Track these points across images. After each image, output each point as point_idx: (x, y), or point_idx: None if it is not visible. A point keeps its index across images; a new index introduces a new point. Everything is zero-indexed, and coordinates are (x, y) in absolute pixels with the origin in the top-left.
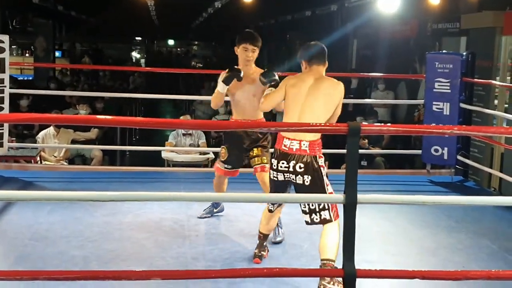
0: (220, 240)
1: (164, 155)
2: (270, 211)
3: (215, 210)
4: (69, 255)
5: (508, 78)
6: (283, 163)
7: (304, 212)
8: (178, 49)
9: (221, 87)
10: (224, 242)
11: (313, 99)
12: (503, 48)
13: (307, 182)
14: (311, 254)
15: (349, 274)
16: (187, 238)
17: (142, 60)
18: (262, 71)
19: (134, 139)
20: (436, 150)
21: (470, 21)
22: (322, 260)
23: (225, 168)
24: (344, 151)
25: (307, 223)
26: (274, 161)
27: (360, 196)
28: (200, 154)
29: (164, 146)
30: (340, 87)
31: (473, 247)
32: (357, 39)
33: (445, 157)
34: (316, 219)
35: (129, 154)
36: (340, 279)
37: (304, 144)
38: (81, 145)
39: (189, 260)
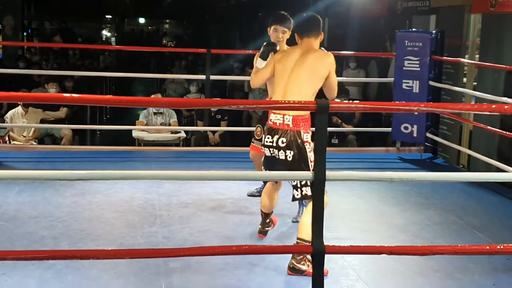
0: (191, 219)
1: (135, 134)
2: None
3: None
4: (38, 236)
5: (477, 56)
6: (268, 138)
7: (292, 187)
8: (149, 27)
9: (259, 63)
10: (196, 221)
11: (297, 74)
12: (472, 26)
13: (289, 157)
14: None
15: (318, 250)
16: (158, 217)
17: (113, 39)
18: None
19: (105, 118)
20: (406, 128)
21: (440, 0)
22: (296, 239)
23: (261, 146)
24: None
25: (292, 199)
26: (263, 137)
27: (328, 173)
28: (171, 133)
29: (135, 125)
30: (327, 59)
31: (442, 223)
32: (328, 18)
33: (415, 134)
34: (297, 194)
35: (99, 133)
36: (310, 259)
37: (287, 119)
38: (51, 125)
39: (160, 239)
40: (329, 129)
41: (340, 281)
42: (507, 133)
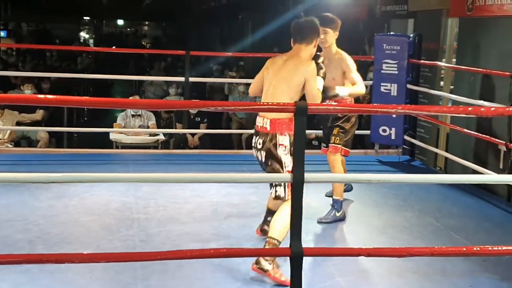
0: (169, 222)
1: (112, 136)
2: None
3: (337, 214)
4: (13, 239)
5: (454, 59)
6: (253, 140)
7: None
8: (128, 29)
9: (319, 83)
10: (173, 224)
11: (277, 81)
12: (449, 30)
13: (263, 159)
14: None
15: (296, 253)
16: (135, 220)
17: (91, 41)
18: (343, 54)
19: (82, 120)
20: (384, 131)
21: (417, 4)
22: (267, 236)
23: (322, 146)
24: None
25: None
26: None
27: (307, 175)
28: (149, 136)
29: (112, 128)
30: (303, 67)
31: (419, 225)
32: None
33: (393, 137)
34: (271, 193)
35: (77, 136)
36: (279, 263)
37: (265, 122)
38: (27, 127)
39: (137, 242)
40: (309, 131)
41: (318, 284)
42: (483, 135)
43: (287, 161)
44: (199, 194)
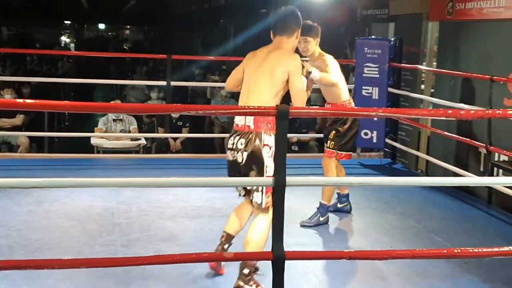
0: (151, 227)
1: (93, 141)
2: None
3: (321, 219)
4: None
5: (434, 63)
6: (230, 141)
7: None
8: (109, 33)
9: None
10: (156, 228)
11: (256, 76)
12: (430, 34)
13: (244, 160)
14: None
15: (278, 256)
16: (117, 225)
17: (72, 45)
18: (325, 55)
19: (63, 125)
20: (366, 134)
21: (398, 8)
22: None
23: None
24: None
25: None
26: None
27: (289, 179)
28: (131, 140)
29: (94, 132)
30: (286, 61)
31: (401, 228)
32: None
33: (374, 140)
34: (246, 199)
35: (58, 141)
36: (259, 281)
37: (248, 120)
38: (7, 132)
39: (119, 248)
40: (290, 135)
41: (301, 287)
42: (464, 138)
43: (270, 164)
44: (182, 198)
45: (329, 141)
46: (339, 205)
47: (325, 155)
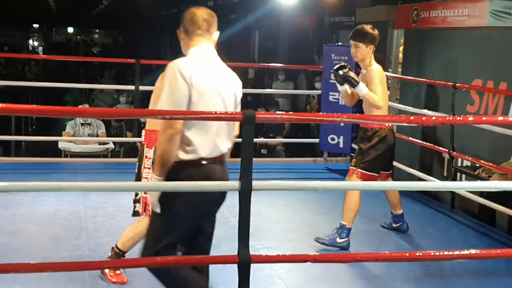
0: (118, 231)
1: (61, 145)
2: None
3: (338, 240)
4: None
5: (400, 70)
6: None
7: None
8: (78, 37)
9: (338, 86)
10: (122, 233)
11: None
12: (395, 41)
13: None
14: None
15: (244, 260)
16: (84, 230)
17: (40, 48)
18: (372, 66)
19: (30, 129)
20: (333, 139)
21: (365, 15)
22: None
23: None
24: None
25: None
26: None
27: (255, 183)
28: (99, 144)
29: (61, 136)
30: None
31: (366, 232)
32: (259, 30)
33: (341, 145)
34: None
35: (25, 145)
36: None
37: (143, 133)
38: None
39: (86, 252)
40: (257, 140)
41: None
42: (428, 144)
43: (146, 174)
44: None
45: (353, 158)
46: (394, 225)
47: (348, 173)
